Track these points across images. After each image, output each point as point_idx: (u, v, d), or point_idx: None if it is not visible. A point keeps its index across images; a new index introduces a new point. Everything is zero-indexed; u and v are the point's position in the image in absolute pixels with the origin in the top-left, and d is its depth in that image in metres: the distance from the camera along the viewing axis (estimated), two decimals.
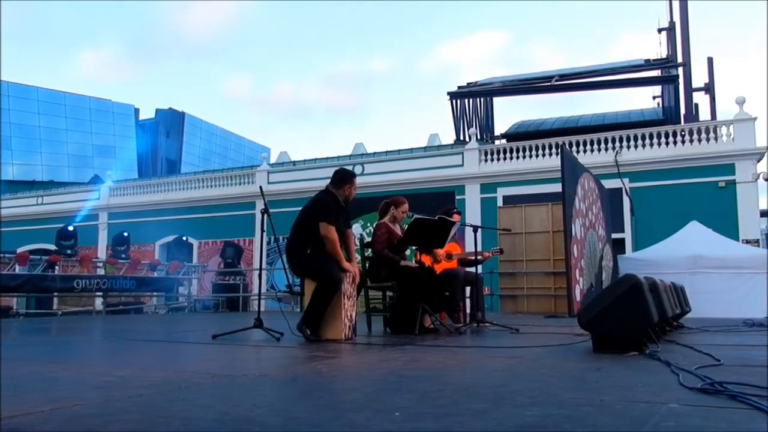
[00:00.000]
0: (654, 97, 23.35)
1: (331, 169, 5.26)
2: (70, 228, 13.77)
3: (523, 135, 20.41)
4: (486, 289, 10.12)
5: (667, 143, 15.68)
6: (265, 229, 4.89)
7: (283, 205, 16.07)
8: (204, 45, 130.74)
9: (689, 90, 19.51)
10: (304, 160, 22.49)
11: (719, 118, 18.25)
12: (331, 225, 4.64)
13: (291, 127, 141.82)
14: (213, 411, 1.83)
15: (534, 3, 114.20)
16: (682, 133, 15.76)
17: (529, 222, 11.42)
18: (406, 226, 5.35)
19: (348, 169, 5.27)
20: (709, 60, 20.73)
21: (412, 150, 20.64)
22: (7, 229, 23.67)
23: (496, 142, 20.58)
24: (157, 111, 43.44)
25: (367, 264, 5.61)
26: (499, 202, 16.19)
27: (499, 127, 22.90)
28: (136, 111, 42.78)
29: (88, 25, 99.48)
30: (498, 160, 17.55)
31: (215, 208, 20.86)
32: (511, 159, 17.37)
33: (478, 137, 19.30)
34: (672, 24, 20.61)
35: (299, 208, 5.01)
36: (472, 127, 20.61)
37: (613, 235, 12.50)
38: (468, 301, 6.44)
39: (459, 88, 21.55)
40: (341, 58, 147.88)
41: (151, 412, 1.82)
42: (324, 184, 5.07)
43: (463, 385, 2.41)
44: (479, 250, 5.98)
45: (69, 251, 12.89)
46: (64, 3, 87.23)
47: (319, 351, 3.84)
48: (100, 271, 13.01)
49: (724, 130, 15.38)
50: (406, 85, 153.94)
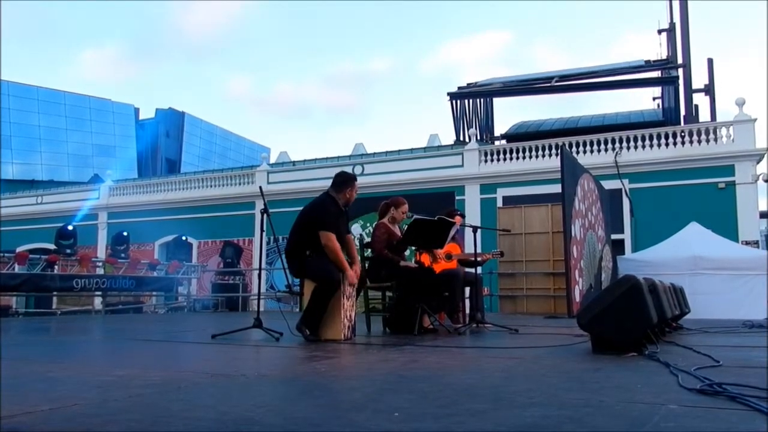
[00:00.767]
0: (654, 98, 23.39)
1: (331, 170, 5.27)
2: (70, 227, 13.75)
3: (523, 136, 20.42)
4: (485, 289, 10.11)
5: (666, 144, 15.69)
6: (264, 229, 4.89)
7: (283, 205, 16.08)
8: (204, 45, 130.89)
9: (689, 91, 19.51)
10: (304, 161, 22.49)
11: (719, 119, 18.27)
12: (330, 232, 4.62)
13: (291, 127, 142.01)
14: (212, 411, 1.83)
15: (535, 3, 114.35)
16: (682, 134, 15.76)
17: (529, 223, 11.42)
18: (406, 227, 5.35)
19: (349, 172, 5.26)
20: (709, 61, 20.74)
21: (412, 150, 20.65)
22: (7, 228, 23.66)
23: (496, 143, 20.58)
24: (157, 111, 43.45)
25: (366, 264, 5.61)
26: (499, 203, 16.19)
27: (499, 128, 22.95)
28: (136, 111, 42.79)
29: (89, 25, 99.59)
30: (498, 160, 17.55)
31: (215, 208, 20.86)
32: (511, 160, 17.38)
33: (478, 138, 19.31)
34: (672, 25, 20.61)
35: (299, 208, 5.01)
36: (472, 127, 20.61)
37: (613, 236, 12.51)
38: (467, 302, 6.44)
39: (459, 88, 21.54)
40: (342, 58, 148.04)
41: (151, 412, 1.82)
42: (324, 184, 5.07)
43: (463, 385, 2.41)
44: (479, 251, 5.98)
45: (68, 251, 12.88)
46: (65, 3, 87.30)
47: (319, 351, 3.84)
48: (100, 271, 13.00)
49: (723, 131, 15.39)
50: (406, 86, 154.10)
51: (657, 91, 22.63)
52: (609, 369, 2.85)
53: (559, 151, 9.91)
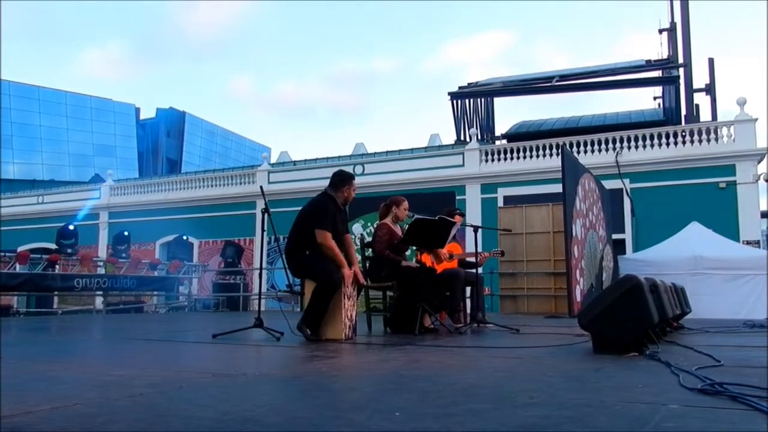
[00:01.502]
0: (655, 98, 23.34)
1: (332, 169, 5.26)
2: (71, 227, 13.76)
3: (523, 135, 20.40)
4: (486, 289, 10.13)
5: (667, 144, 15.68)
6: (265, 228, 4.89)
7: (284, 204, 16.07)
8: (206, 44, 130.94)
9: (690, 91, 19.49)
10: (305, 160, 22.50)
11: (720, 118, 18.24)
12: (326, 231, 4.63)
13: (292, 127, 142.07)
14: (213, 410, 1.83)
15: (537, 3, 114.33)
16: (683, 133, 15.75)
17: (530, 222, 11.42)
18: (407, 226, 5.35)
19: (346, 170, 5.26)
20: (710, 61, 20.72)
21: (412, 150, 20.64)
22: (8, 228, 23.67)
23: (497, 143, 20.57)
24: (158, 110, 43.53)
25: (367, 264, 5.61)
26: (500, 203, 16.19)
27: (500, 128, 22.92)
28: (137, 110, 42.85)
29: (90, 24, 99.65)
30: (499, 160, 17.55)
31: (216, 208, 20.87)
32: (511, 159, 17.37)
33: (479, 137, 19.30)
34: (673, 25, 20.59)
35: (299, 208, 5.01)
36: (473, 127, 20.61)
37: (614, 236, 12.49)
38: (468, 302, 6.44)
39: (460, 88, 21.53)
40: (343, 58, 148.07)
41: (151, 412, 1.82)
42: (324, 184, 5.07)
43: (463, 385, 2.41)
44: (480, 251, 5.97)
45: (69, 250, 12.88)
46: (66, 2, 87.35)
47: (319, 351, 3.84)
48: (101, 271, 13.02)
49: (724, 130, 15.38)
50: (407, 86, 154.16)
51: (658, 90, 22.60)
52: (610, 369, 2.84)
53: (559, 150, 9.92)
